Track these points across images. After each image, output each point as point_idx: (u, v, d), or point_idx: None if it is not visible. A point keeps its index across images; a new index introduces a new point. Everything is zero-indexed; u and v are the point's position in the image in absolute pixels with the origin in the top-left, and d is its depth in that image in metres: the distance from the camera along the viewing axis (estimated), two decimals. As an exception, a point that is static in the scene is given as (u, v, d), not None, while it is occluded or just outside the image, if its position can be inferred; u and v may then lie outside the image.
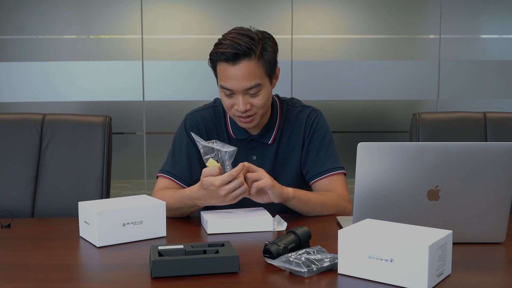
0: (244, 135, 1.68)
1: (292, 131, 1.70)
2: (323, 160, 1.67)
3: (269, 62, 1.55)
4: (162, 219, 1.40)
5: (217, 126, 1.69)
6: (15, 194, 1.80)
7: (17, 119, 1.88)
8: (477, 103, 3.71)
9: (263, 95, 1.56)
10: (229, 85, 1.52)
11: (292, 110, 1.72)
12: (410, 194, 1.25)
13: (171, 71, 3.65)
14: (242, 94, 1.53)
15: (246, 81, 1.51)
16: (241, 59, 1.49)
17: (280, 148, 1.69)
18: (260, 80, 1.53)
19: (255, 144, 1.69)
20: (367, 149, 1.24)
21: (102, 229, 1.31)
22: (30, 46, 3.60)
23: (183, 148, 1.67)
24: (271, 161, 1.69)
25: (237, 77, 1.50)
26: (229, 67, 1.51)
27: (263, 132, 1.68)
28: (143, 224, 1.37)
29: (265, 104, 1.58)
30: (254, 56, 1.50)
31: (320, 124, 1.70)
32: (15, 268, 1.18)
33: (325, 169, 1.66)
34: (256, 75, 1.52)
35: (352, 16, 3.68)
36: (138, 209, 1.36)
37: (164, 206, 1.41)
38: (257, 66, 1.52)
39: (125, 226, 1.34)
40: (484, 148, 1.25)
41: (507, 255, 1.25)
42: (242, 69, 1.50)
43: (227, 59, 1.50)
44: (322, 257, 1.13)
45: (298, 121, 1.70)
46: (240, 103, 1.53)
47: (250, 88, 1.52)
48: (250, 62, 1.50)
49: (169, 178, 1.65)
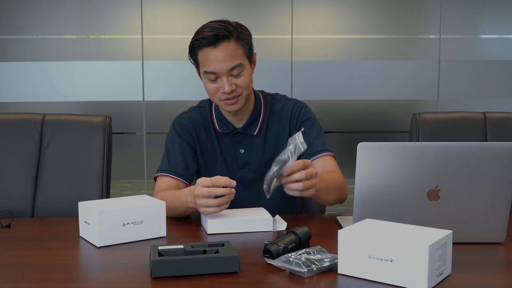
0: (230, 129, 1.72)
1: (279, 122, 1.73)
2: (315, 143, 1.68)
3: (247, 43, 1.62)
4: (162, 219, 1.40)
5: (204, 125, 1.74)
6: (15, 194, 1.81)
7: (17, 119, 1.88)
8: (477, 103, 3.71)
9: (246, 75, 1.61)
10: (212, 68, 1.58)
11: (277, 103, 1.76)
12: (410, 194, 1.25)
13: (171, 71, 3.64)
14: (226, 76, 1.59)
15: (229, 61, 1.57)
16: (221, 41, 1.57)
17: (267, 140, 1.72)
18: (241, 60, 1.59)
19: (242, 137, 1.72)
20: (367, 149, 1.24)
21: (102, 229, 1.31)
22: (30, 46, 3.60)
23: (176, 147, 1.71)
24: (258, 153, 1.72)
25: (219, 58, 1.57)
26: (211, 50, 1.57)
27: (247, 124, 1.71)
28: (143, 224, 1.37)
29: (248, 85, 1.63)
30: (233, 37, 1.58)
31: (308, 114, 1.74)
32: (15, 268, 1.18)
33: (318, 150, 1.67)
34: (237, 55, 1.58)
35: (352, 16, 3.68)
36: (138, 209, 1.36)
37: (164, 206, 1.41)
38: (236, 47, 1.59)
39: (125, 226, 1.34)
40: (484, 148, 1.25)
41: (507, 255, 1.25)
42: (224, 50, 1.57)
43: (208, 43, 1.57)
44: (322, 257, 1.13)
45: (283, 112, 1.74)
46: (225, 84, 1.59)
47: (233, 68, 1.58)
48: (230, 43, 1.58)
49: (167, 175, 1.68)
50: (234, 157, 1.72)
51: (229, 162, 1.73)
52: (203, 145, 1.73)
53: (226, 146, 1.73)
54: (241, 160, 1.72)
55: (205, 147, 1.73)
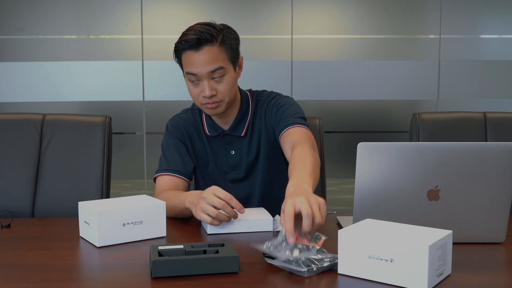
0: (218, 131, 1.73)
1: (261, 121, 1.73)
2: (285, 118, 1.63)
3: (231, 48, 1.62)
4: (162, 219, 1.40)
5: (196, 126, 1.76)
6: (15, 194, 1.80)
7: (17, 119, 1.88)
8: (477, 103, 3.71)
9: (228, 80, 1.61)
10: (194, 70, 1.59)
11: (261, 100, 1.75)
12: (410, 194, 1.25)
13: (171, 71, 3.64)
14: (207, 79, 1.59)
15: (210, 65, 1.58)
16: (203, 45, 1.57)
17: (252, 139, 1.73)
18: (223, 64, 1.59)
19: (231, 139, 1.73)
20: (367, 149, 1.24)
21: (102, 229, 1.31)
22: (30, 46, 3.60)
23: (171, 147, 1.73)
24: (246, 154, 1.73)
25: (201, 61, 1.58)
26: (193, 53, 1.59)
27: (234, 125, 1.72)
28: (143, 224, 1.37)
29: (229, 91, 1.62)
30: (216, 42, 1.58)
31: (281, 99, 1.71)
32: (15, 268, 1.18)
33: (288, 123, 1.61)
34: (219, 59, 1.59)
35: (352, 16, 3.68)
36: (138, 209, 1.36)
37: (164, 206, 1.41)
38: (219, 51, 1.59)
39: (125, 226, 1.34)
40: (484, 148, 1.25)
41: (507, 255, 1.25)
42: (206, 54, 1.58)
43: (191, 46, 1.58)
44: (322, 257, 1.13)
45: (263, 107, 1.73)
46: (206, 88, 1.59)
47: (214, 70, 1.58)
48: (212, 47, 1.58)
49: (166, 174, 1.70)
50: (225, 159, 1.74)
51: (221, 164, 1.74)
52: (195, 147, 1.75)
53: (217, 148, 1.74)
54: (232, 161, 1.73)
55: (198, 149, 1.75)
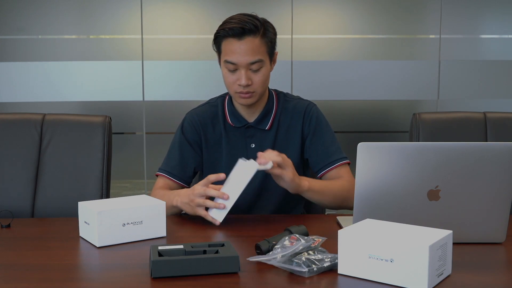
0: (242, 123, 1.75)
1: (291, 119, 1.77)
2: (329, 151, 1.73)
3: (271, 42, 1.67)
4: (162, 219, 1.40)
5: (213, 119, 1.78)
6: (15, 194, 1.80)
7: (17, 119, 1.88)
8: (477, 103, 3.71)
9: (264, 72, 1.65)
10: (234, 59, 1.62)
11: (290, 101, 1.80)
12: (410, 194, 1.25)
13: (171, 71, 3.64)
14: (245, 69, 1.63)
15: (250, 56, 1.61)
16: (246, 35, 1.61)
17: (278, 135, 1.76)
18: (262, 56, 1.64)
19: (253, 132, 1.75)
20: (367, 149, 1.24)
21: (102, 229, 1.31)
22: (30, 46, 3.60)
23: (176, 148, 1.77)
24: (269, 147, 1.73)
25: (242, 51, 1.61)
26: (235, 42, 1.62)
27: (260, 118, 1.75)
28: (143, 224, 1.37)
29: (264, 82, 1.67)
30: (258, 34, 1.63)
31: (321, 117, 1.79)
32: (15, 268, 1.18)
33: (333, 160, 1.72)
34: (259, 51, 1.63)
35: (352, 16, 3.68)
36: (138, 209, 1.36)
37: (164, 206, 1.41)
38: (260, 43, 1.63)
39: (125, 226, 1.34)
40: (484, 148, 1.25)
41: (507, 255, 1.25)
42: (247, 44, 1.61)
43: (234, 34, 1.62)
44: (323, 257, 1.13)
45: (296, 111, 1.77)
46: (243, 77, 1.63)
47: (253, 62, 1.62)
48: (254, 39, 1.62)
49: (163, 175, 1.75)
50: (244, 152, 1.74)
51: (239, 156, 1.73)
52: (209, 140, 1.76)
53: (235, 140, 1.75)
54: (252, 154, 1.73)
55: (211, 142, 1.76)
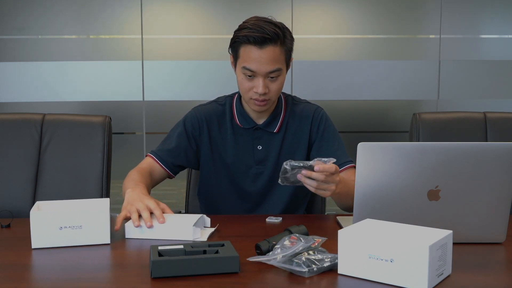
0: (250, 124, 1.73)
1: (300, 122, 1.76)
2: (338, 153, 1.71)
3: (290, 50, 1.64)
4: (104, 225, 1.32)
5: (219, 118, 1.76)
6: (15, 194, 1.80)
7: (17, 119, 1.88)
8: (477, 103, 3.71)
9: (281, 80, 1.64)
10: (253, 67, 1.59)
11: (298, 104, 1.80)
12: (410, 194, 1.25)
13: (171, 71, 3.65)
14: (263, 77, 1.60)
15: (270, 65, 1.58)
16: (267, 44, 1.57)
17: (286, 138, 1.75)
18: (281, 65, 1.61)
19: (261, 134, 1.74)
20: (367, 149, 1.24)
21: (37, 230, 1.28)
22: (30, 46, 3.60)
23: (174, 136, 1.75)
24: (276, 150, 1.73)
25: (262, 60, 1.58)
26: (256, 50, 1.58)
27: (268, 120, 1.74)
28: (82, 229, 1.30)
29: (280, 90, 1.66)
30: (279, 42, 1.59)
31: (329, 121, 1.78)
32: (15, 268, 1.18)
33: (340, 164, 1.69)
34: (279, 60, 1.60)
35: (352, 16, 3.68)
36: (77, 213, 1.30)
37: (107, 213, 1.32)
38: (280, 52, 1.60)
39: (62, 229, 1.29)
40: (484, 148, 1.25)
41: (507, 255, 1.25)
42: (268, 53, 1.57)
43: (255, 42, 1.57)
44: (323, 257, 1.13)
45: (304, 114, 1.77)
46: (260, 85, 1.60)
47: (272, 71, 1.60)
48: (275, 48, 1.58)
49: (152, 157, 1.73)
50: (251, 153, 1.74)
51: (245, 157, 1.74)
52: (213, 138, 1.74)
53: (243, 141, 1.74)
54: (258, 156, 1.73)
55: (215, 140, 1.75)
